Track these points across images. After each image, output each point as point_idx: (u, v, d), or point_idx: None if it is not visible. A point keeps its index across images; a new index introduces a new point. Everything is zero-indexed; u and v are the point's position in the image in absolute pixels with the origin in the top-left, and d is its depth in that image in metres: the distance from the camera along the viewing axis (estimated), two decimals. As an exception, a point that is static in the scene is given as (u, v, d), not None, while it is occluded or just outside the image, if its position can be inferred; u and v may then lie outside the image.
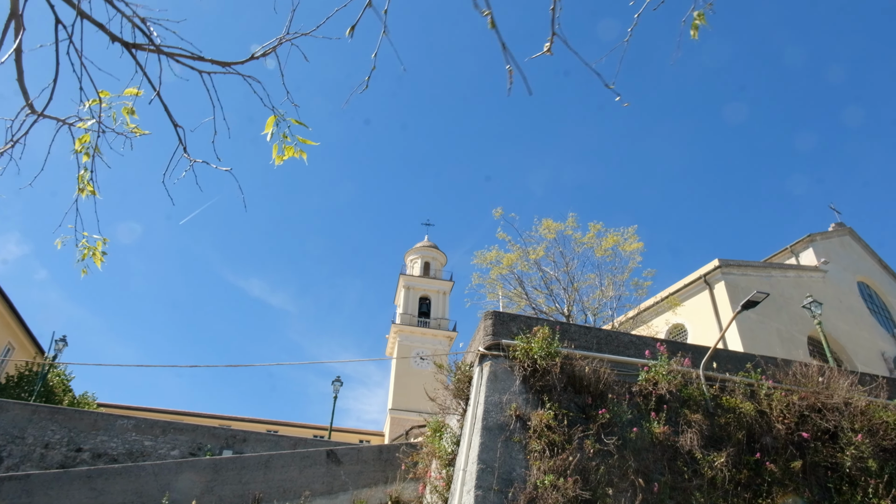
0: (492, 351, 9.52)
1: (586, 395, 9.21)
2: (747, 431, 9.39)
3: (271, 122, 3.15)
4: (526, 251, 15.55)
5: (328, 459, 12.71)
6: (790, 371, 10.51)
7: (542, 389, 9.09)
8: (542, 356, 9.20)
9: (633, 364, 9.93)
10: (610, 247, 15.40)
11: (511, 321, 10.05)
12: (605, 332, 10.57)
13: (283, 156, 3.16)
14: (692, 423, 9.11)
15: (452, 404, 10.28)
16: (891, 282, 30.51)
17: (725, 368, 10.37)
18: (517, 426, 8.65)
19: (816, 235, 28.16)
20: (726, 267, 22.44)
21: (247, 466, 12.32)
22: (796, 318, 23.42)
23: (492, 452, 8.30)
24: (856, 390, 10.36)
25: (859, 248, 30.59)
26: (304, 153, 3.21)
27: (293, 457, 12.72)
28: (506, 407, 8.84)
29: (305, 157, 3.16)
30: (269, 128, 3.12)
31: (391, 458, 12.88)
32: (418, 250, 51.84)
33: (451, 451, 9.65)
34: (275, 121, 3.13)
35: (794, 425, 9.62)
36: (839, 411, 9.92)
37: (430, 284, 49.02)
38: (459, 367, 10.25)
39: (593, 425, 8.62)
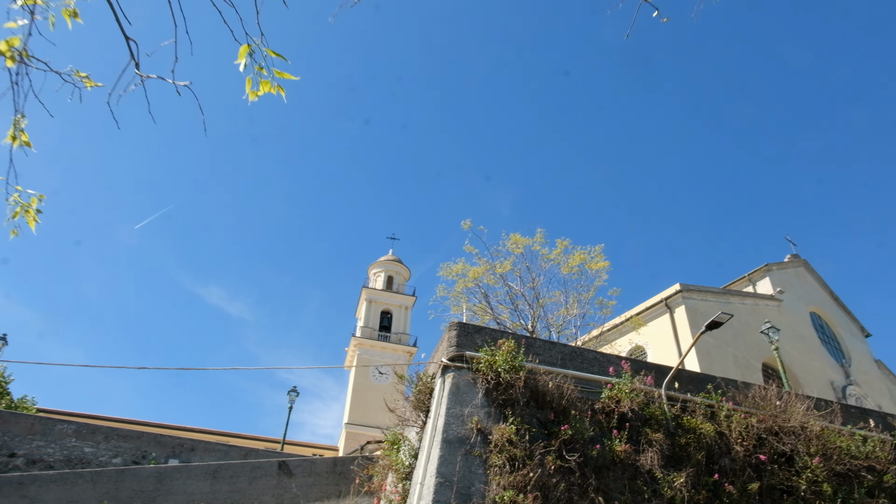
0: (455, 362, 9.31)
1: (549, 410, 9.07)
2: (707, 452, 9.36)
3: (244, 51, 2.85)
4: (493, 265, 15.47)
5: (280, 471, 12.25)
6: (749, 394, 10.58)
7: (505, 403, 8.92)
8: (506, 369, 9.04)
9: (597, 381, 9.85)
10: (576, 264, 15.44)
11: (476, 333, 9.88)
12: (569, 348, 10.48)
13: (257, 91, 2.89)
14: (653, 442, 9.04)
15: (412, 416, 10.01)
16: (841, 314, 31.46)
17: (687, 389, 10.37)
18: (478, 440, 8.44)
19: (773, 265, 28.90)
20: (687, 292, 22.79)
21: (193, 476, 11.77)
22: (752, 345, 23.87)
23: (451, 466, 8.06)
24: (812, 415, 10.47)
25: (812, 279, 31.50)
26: (282, 90, 2.93)
27: (243, 467, 12.22)
28: (467, 420, 8.62)
29: (284, 94, 2.90)
30: (242, 58, 2.84)
31: (345, 472, 12.49)
32: (382, 264, 51.48)
33: (408, 465, 9.36)
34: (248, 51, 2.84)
35: (752, 447, 9.64)
36: (796, 435, 10.00)
37: (392, 299, 48.65)
38: (421, 378, 10.01)
39: (555, 441, 8.46)
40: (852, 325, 31.59)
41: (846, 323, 31.21)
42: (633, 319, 18.95)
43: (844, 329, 30.55)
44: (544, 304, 15.01)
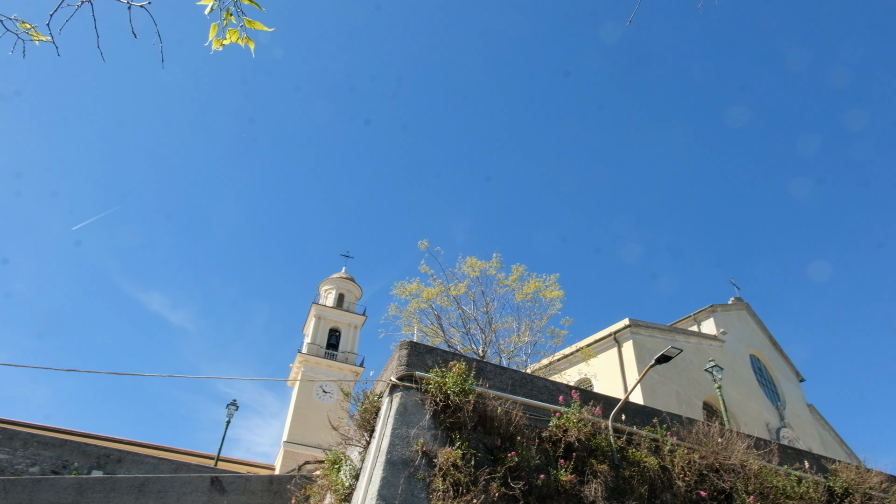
0: (404, 382, 9.10)
1: (496, 436, 8.92)
2: (650, 486, 9.37)
3: (212, -9, 2.52)
4: (447, 287, 15.34)
5: (212, 487, 11.67)
6: (693, 430, 10.69)
7: (453, 427, 8.73)
8: (455, 392, 8.87)
9: (546, 409, 9.78)
10: (531, 292, 15.47)
11: (427, 353, 9.70)
12: (520, 375, 10.39)
13: (222, 40, 2.63)
14: (598, 473, 8.99)
15: (356, 435, 9.70)
16: (777, 357, 32.52)
17: (633, 422, 10.40)
18: (423, 462, 8.21)
19: (717, 307, 29.73)
20: (636, 327, 23.14)
21: (117, 489, 11.09)
22: (694, 383, 24.35)
23: (393, 489, 7.80)
24: (751, 453, 10.64)
25: (753, 322, 32.52)
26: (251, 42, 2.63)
27: (172, 482, 11.59)
28: (413, 441, 8.39)
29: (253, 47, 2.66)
30: (209, 0, 2.56)
31: (281, 490, 12.00)
32: (334, 281, 50.80)
33: (348, 485, 9.04)
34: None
35: (693, 483, 9.70)
36: (735, 472, 10.13)
37: (342, 317, 47.95)
38: (367, 397, 9.73)
39: (501, 468, 8.31)
40: (788, 369, 32.66)
41: (782, 366, 32.25)
42: (583, 350, 19.08)
43: (780, 372, 31.55)
44: (496, 330, 14.96)
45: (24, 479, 10.87)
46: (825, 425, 32.40)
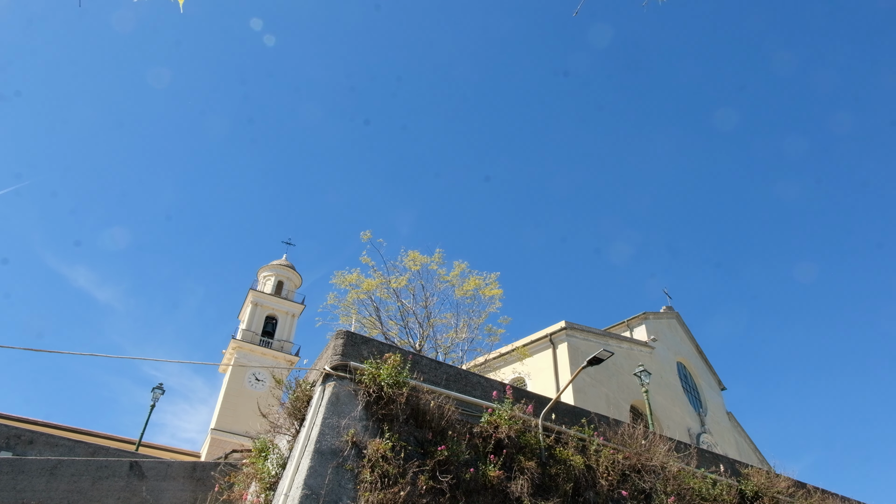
0: (338, 371, 9.00)
1: (428, 430, 8.95)
2: (574, 484, 9.60)
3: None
4: (388, 279, 15.26)
5: (130, 472, 11.24)
6: (619, 431, 11.03)
7: (384, 418, 8.71)
8: (389, 384, 8.85)
9: (479, 405, 9.87)
10: (471, 289, 15.59)
11: (363, 344, 9.63)
12: (455, 370, 10.45)
13: None
14: (526, 470, 9.14)
15: (286, 423, 9.54)
16: (703, 366, 33.94)
17: (562, 421, 10.63)
18: (352, 453, 8.16)
19: (650, 314, 30.76)
20: (571, 329, 23.68)
21: (26, 471, 10.53)
22: (623, 387, 25.13)
23: (320, 478, 7.71)
24: (672, 456, 11.06)
25: (682, 332, 33.82)
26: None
27: (87, 465, 11.09)
28: (343, 432, 8.32)
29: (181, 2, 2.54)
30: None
31: (205, 478, 11.67)
32: (273, 267, 49.83)
33: (274, 474, 8.88)
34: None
35: (616, 483, 10.01)
36: (656, 473, 10.50)
37: (280, 304, 47.07)
38: (300, 385, 9.59)
39: (430, 461, 8.34)
40: (711, 377, 34.12)
41: (706, 375, 33.66)
42: (519, 350, 19.37)
43: (704, 381, 32.92)
44: (434, 325, 15.00)
45: (-77, 458, 10.19)
46: (741, 432, 34.00)
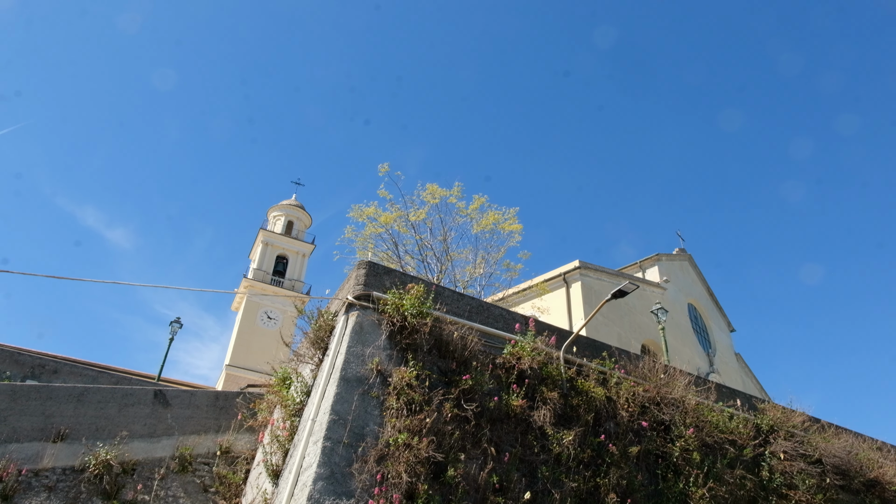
0: (361, 301, 8.96)
1: (451, 360, 8.96)
2: (595, 414, 9.67)
3: None
4: (406, 213, 15.09)
5: (155, 400, 11.43)
6: (639, 365, 11.04)
7: (408, 348, 8.71)
8: (412, 314, 8.81)
9: (501, 337, 9.86)
10: (490, 224, 15.40)
11: (385, 274, 9.55)
12: (477, 302, 10.41)
13: None
14: (548, 400, 9.19)
15: (308, 352, 9.58)
16: (713, 308, 34.02)
17: (583, 354, 10.64)
18: (377, 381, 8.19)
19: (662, 256, 30.61)
20: (585, 269, 23.62)
21: (54, 397, 10.71)
22: (635, 326, 25.27)
23: (346, 405, 7.76)
24: (690, 390, 11.10)
25: (694, 273, 33.74)
26: None
27: (113, 393, 11.28)
28: (368, 360, 8.33)
29: None
30: None
31: (227, 407, 11.87)
32: (283, 207, 49.70)
33: (299, 401, 8.97)
34: None
35: (636, 414, 10.07)
36: (675, 406, 10.56)
37: (290, 244, 47.19)
38: (322, 315, 9.57)
39: (455, 390, 8.37)
40: (721, 319, 34.24)
41: (716, 317, 33.78)
42: (538, 286, 19.33)
43: (714, 322, 33.05)
44: (453, 259, 14.91)
45: (-48, 383, 10.36)
46: (749, 373, 34.37)
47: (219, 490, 10.84)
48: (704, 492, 9.42)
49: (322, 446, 7.18)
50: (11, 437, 10.06)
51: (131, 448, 10.72)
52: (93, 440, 10.51)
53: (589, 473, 8.83)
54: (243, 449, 11.43)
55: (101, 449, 10.35)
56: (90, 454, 10.28)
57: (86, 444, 10.41)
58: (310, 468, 7.11)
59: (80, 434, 10.53)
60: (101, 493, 10.08)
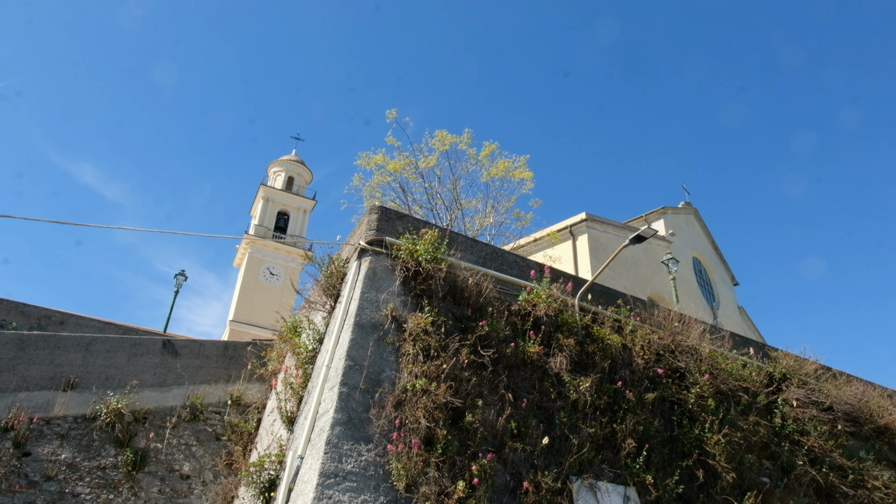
0: (373, 247, 8.72)
1: (466, 307, 8.78)
2: (611, 362, 9.55)
3: None
4: (415, 161, 14.71)
5: (164, 350, 11.33)
6: (654, 313, 10.90)
7: (422, 294, 8.51)
8: (427, 259, 8.58)
9: (516, 284, 9.67)
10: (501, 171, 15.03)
11: (398, 220, 9.29)
12: (491, 248, 10.18)
13: None
14: (564, 347, 9.06)
15: (319, 299, 9.40)
16: (717, 261, 33.90)
17: (598, 302, 10.48)
18: (392, 327, 8.02)
19: (668, 209, 30.30)
20: (591, 221, 23.36)
21: (62, 347, 10.59)
22: (640, 279, 25.15)
23: (362, 351, 7.61)
24: (705, 338, 11.00)
25: (699, 227, 33.50)
26: None
27: (122, 342, 11.16)
28: (382, 306, 8.15)
29: None
30: None
31: (237, 357, 11.79)
32: (284, 163, 49.11)
33: (311, 349, 8.83)
34: None
35: (651, 361, 9.97)
36: (690, 354, 10.46)
37: (291, 200, 46.80)
38: (333, 261, 9.35)
39: (471, 336, 8.21)
40: (725, 272, 34.16)
41: (720, 270, 33.69)
42: (550, 235, 19.09)
43: (718, 276, 32.98)
44: (463, 208, 14.63)
45: (-42, 332, 10.22)
46: (751, 326, 34.48)
47: (231, 438, 10.84)
48: (720, 437, 9.37)
49: (339, 392, 7.05)
50: (21, 385, 9.98)
51: (142, 397, 10.66)
52: (103, 389, 10.44)
53: (606, 419, 8.76)
54: (254, 398, 11.40)
55: (111, 398, 10.29)
56: (101, 403, 10.23)
57: (96, 392, 10.35)
58: (326, 414, 7.00)
59: (90, 383, 10.46)
60: (114, 441, 10.06)
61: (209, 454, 10.57)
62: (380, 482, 6.65)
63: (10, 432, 9.52)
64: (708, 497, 8.83)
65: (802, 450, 10.77)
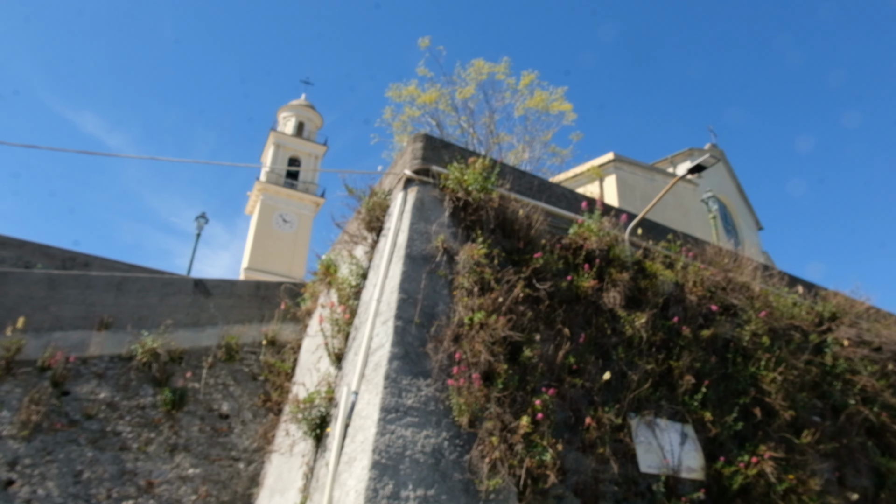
0: (420, 176, 8.23)
1: (516, 239, 8.35)
2: (664, 298, 9.17)
3: None
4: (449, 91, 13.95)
5: (195, 289, 11.03)
6: (706, 249, 10.46)
7: (472, 225, 8.07)
8: (476, 189, 8.10)
9: (566, 217, 9.21)
10: (539, 103, 14.32)
11: (443, 148, 8.77)
12: (540, 180, 9.68)
13: None
14: (617, 282, 8.65)
15: (360, 233, 8.98)
16: (742, 205, 33.17)
17: (648, 237, 10.03)
18: (443, 260, 7.61)
19: (694, 151, 29.41)
20: (619, 162, 22.65)
21: (93, 286, 10.30)
22: (668, 223, 24.47)
23: (414, 283, 7.22)
24: (757, 275, 10.58)
25: (725, 170, 32.64)
26: None
27: (153, 282, 10.85)
28: (433, 237, 7.72)
29: None
30: None
31: (269, 296, 11.49)
32: (293, 108, 48.01)
33: (355, 284, 8.46)
34: None
35: (704, 298, 9.57)
36: (742, 291, 10.06)
37: (302, 146, 45.92)
38: (374, 193, 8.89)
39: (526, 269, 7.80)
40: (750, 217, 33.47)
41: (745, 214, 32.98)
42: (590, 170, 18.49)
43: (743, 220, 32.31)
44: (500, 143, 14.01)
45: (-12, 270, 9.92)
46: (773, 271, 34.06)
47: (268, 378, 10.64)
48: (776, 375, 9.06)
49: (394, 325, 6.70)
50: (55, 325, 9.73)
51: (176, 337, 10.42)
52: (137, 329, 10.19)
53: (662, 356, 8.42)
54: (288, 338, 11.15)
55: (146, 337, 10.04)
56: (136, 342, 9.99)
57: (131, 332, 10.10)
58: (381, 348, 6.67)
59: (124, 323, 10.20)
60: (151, 381, 9.87)
61: (246, 394, 10.39)
62: (441, 417, 6.36)
63: (47, 371, 9.32)
64: (765, 435, 8.56)
65: (854, 389, 10.48)
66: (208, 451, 9.65)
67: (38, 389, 9.08)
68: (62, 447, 8.84)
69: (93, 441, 9.03)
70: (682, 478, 7.63)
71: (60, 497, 8.48)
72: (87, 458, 8.89)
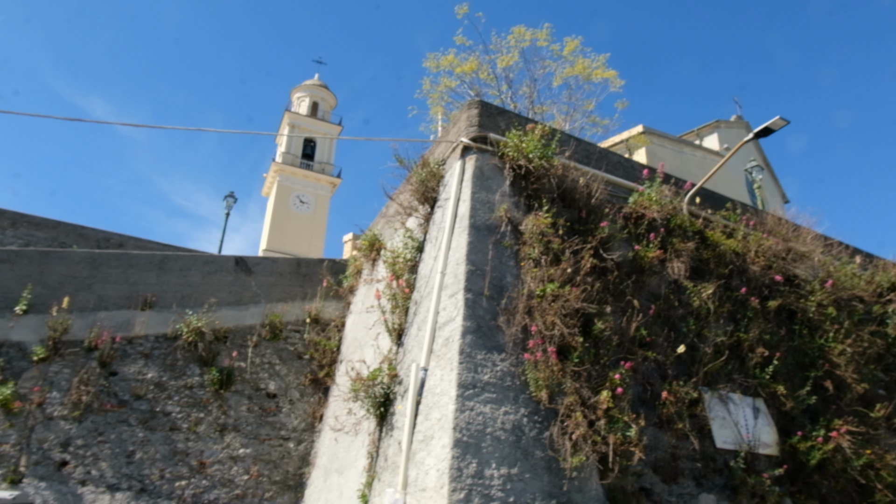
0: (477, 143, 7.89)
1: (577, 209, 8.00)
2: (728, 268, 8.82)
3: None
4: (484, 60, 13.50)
5: (237, 267, 10.79)
6: (766, 218, 10.08)
7: (535, 194, 7.73)
8: (537, 157, 7.74)
9: (625, 186, 8.85)
10: (584, 70, 13.86)
11: (499, 115, 8.39)
12: (597, 148, 9.31)
13: None
14: (681, 252, 8.30)
15: (411, 205, 8.66)
16: (769, 178, 32.56)
17: (706, 206, 9.65)
18: (508, 230, 7.29)
19: (721, 122, 28.82)
20: (648, 135, 22.14)
21: (135, 265, 10.08)
22: (697, 195, 24.07)
23: (481, 255, 6.92)
24: (818, 244, 10.19)
25: (751, 143, 31.98)
26: None
27: (194, 260, 10.63)
28: (495, 207, 7.40)
29: None
30: None
31: (311, 274, 11.24)
32: (307, 88, 47.46)
33: (411, 258, 8.16)
34: None
35: (767, 268, 9.22)
36: (804, 261, 9.69)
37: (317, 126, 45.43)
38: (427, 162, 8.55)
39: (592, 238, 7.47)
40: (776, 189, 32.83)
41: (771, 187, 32.34)
42: (635, 138, 18.03)
43: (769, 192, 31.70)
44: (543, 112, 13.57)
45: (31, 251, 9.70)
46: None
47: (313, 356, 10.43)
48: (845, 347, 8.72)
49: (464, 298, 6.41)
50: (99, 304, 9.54)
51: (220, 316, 10.21)
52: (181, 308, 9.99)
53: (731, 328, 8.11)
54: (332, 316, 10.92)
55: (191, 316, 9.84)
56: (181, 322, 9.79)
57: (175, 311, 9.90)
58: (452, 322, 6.39)
59: (168, 302, 10.00)
60: (198, 360, 9.68)
61: (293, 372, 10.19)
62: (518, 393, 6.09)
63: (94, 351, 9.15)
64: (837, 409, 8.25)
65: (917, 361, 10.12)
66: (258, 430, 9.48)
67: (86, 370, 8.92)
68: (113, 428, 8.69)
69: (143, 421, 8.87)
70: (757, 453, 7.35)
71: (114, 478, 8.34)
72: (139, 438, 8.74)
